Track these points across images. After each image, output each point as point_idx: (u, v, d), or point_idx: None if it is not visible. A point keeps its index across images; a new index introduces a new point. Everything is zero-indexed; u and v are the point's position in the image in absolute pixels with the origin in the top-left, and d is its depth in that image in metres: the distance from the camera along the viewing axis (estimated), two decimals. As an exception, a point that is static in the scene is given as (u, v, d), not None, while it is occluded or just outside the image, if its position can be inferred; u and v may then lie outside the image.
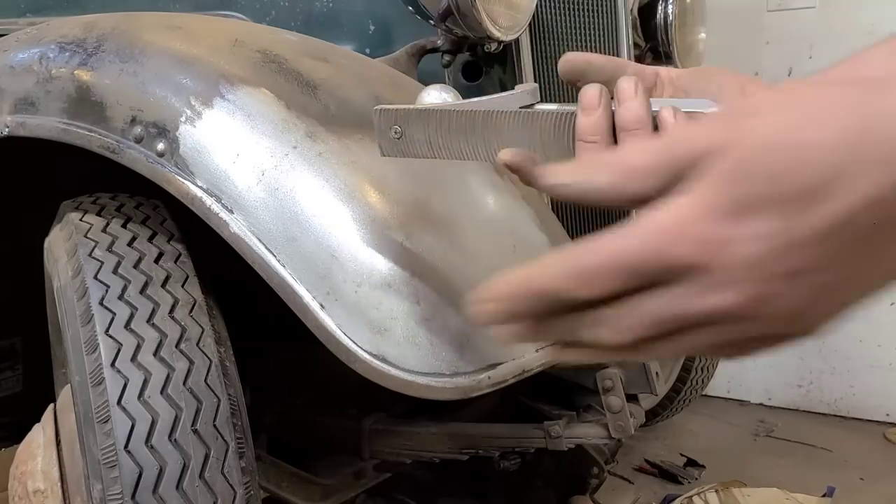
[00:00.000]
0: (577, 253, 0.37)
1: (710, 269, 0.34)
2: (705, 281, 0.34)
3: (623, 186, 0.38)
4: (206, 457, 0.77)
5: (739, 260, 0.33)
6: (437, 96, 0.63)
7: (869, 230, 0.32)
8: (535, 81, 1.12)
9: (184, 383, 0.78)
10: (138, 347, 0.78)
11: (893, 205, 0.31)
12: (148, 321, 0.80)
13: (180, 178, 0.77)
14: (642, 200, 0.37)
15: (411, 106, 0.63)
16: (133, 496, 0.74)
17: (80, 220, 0.89)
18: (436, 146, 0.62)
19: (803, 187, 0.32)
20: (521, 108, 0.61)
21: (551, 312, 0.39)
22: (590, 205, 0.40)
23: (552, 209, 1.09)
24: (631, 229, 0.36)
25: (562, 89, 1.19)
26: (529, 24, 1.07)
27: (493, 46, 1.04)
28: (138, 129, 0.80)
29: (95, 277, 0.82)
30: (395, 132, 0.64)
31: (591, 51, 1.24)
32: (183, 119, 0.78)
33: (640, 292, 0.36)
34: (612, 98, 0.57)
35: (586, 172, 0.40)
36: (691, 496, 1.79)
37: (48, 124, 0.86)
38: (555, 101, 1.18)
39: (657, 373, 1.01)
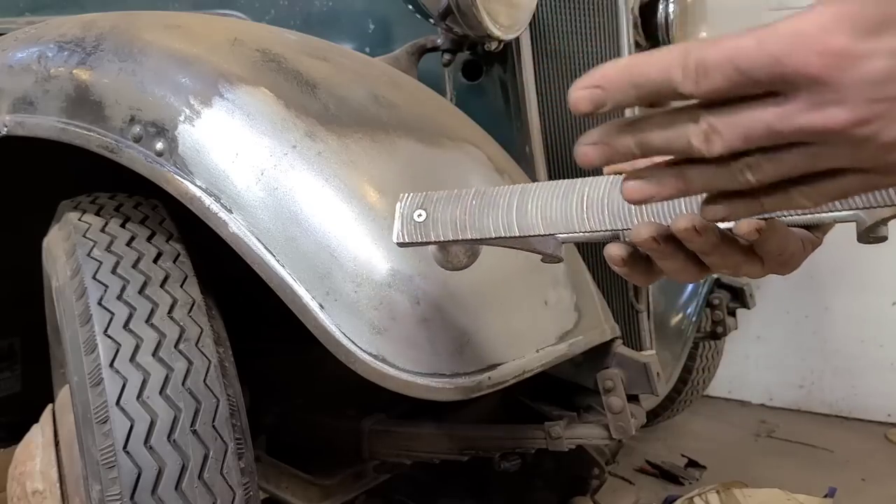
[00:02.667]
0: (693, 45, 0.36)
1: (830, 84, 0.33)
2: (820, 96, 0.33)
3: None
4: (205, 457, 0.76)
5: (863, 76, 0.32)
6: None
7: None
8: (536, 81, 1.12)
9: (183, 384, 0.78)
10: (137, 348, 0.78)
11: None
12: (147, 321, 0.80)
13: (179, 178, 0.77)
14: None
15: (434, 193, 0.62)
16: (132, 497, 0.73)
17: (79, 219, 0.89)
18: (461, 226, 0.60)
19: None
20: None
21: (651, 114, 0.39)
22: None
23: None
24: (757, 32, 0.34)
25: (561, 89, 1.19)
26: (530, 23, 1.07)
27: (494, 45, 1.04)
28: (137, 129, 0.79)
29: (94, 277, 0.81)
30: (419, 215, 0.61)
31: (592, 49, 1.23)
32: (182, 118, 0.77)
33: (749, 101, 0.35)
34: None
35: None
36: (692, 497, 1.78)
37: (47, 124, 0.85)
38: (559, 105, 1.18)
39: (658, 373, 1.01)
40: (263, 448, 1.23)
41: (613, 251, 0.54)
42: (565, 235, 0.58)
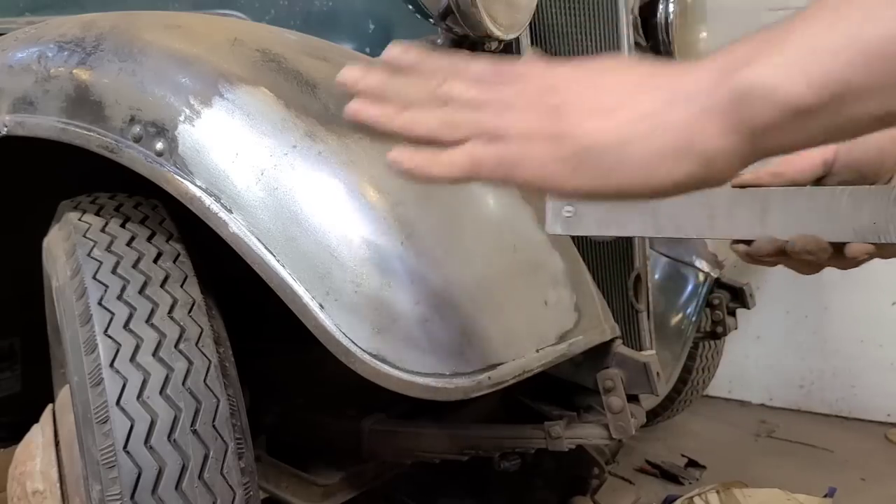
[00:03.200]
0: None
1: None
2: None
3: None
4: (206, 457, 0.77)
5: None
6: None
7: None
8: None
9: (183, 383, 0.78)
10: (137, 348, 0.78)
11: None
12: (147, 321, 0.80)
13: (179, 178, 0.77)
14: None
15: None
16: (132, 497, 0.74)
17: (79, 219, 0.89)
18: (604, 223, 0.68)
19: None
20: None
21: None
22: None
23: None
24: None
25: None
26: (530, 24, 1.07)
27: (494, 46, 1.04)
28: (137, 129, 0.79)
29: (94, 277, 0.81)
30: (568, 212, 0.69)
31: (592, 49, 1.23)
32: (182, 118, 0.78)
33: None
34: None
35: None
36: (692, 497, 1.79)
37: (47, 123, 0.85)
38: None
39: (658, 373, 1.01)
40: (264, 448, 1.23)
41: (740, 249, 0.67)
42: (693, 235, 0.68)
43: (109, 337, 0.78)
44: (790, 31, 0.41)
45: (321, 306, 0.72)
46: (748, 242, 0.67)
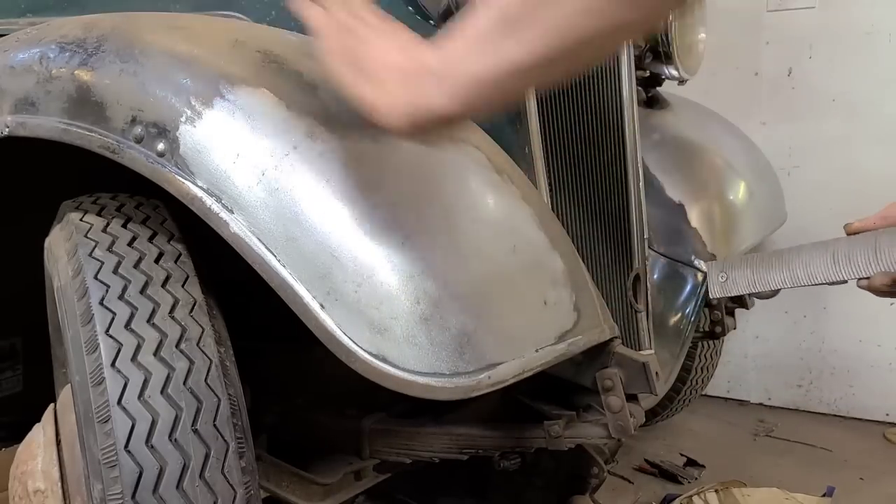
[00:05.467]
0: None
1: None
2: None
3: None
4: (207, 457, 0.77)
5: None
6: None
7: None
8: (535, 81, 1.12)
9: (184, 383, 0.78)
10: (138, 347, 0.78)
11: None
12: (148, 321, 0.80)
13: (180, 178, 0.77)
14: None
15: (735, 257, 0.85)
16: (133, 496, 0.74)
17: (81, 220, 0.89)
18: (752, 283, 0.88)
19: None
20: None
21: None
22: None
23: (552, 209, 1.09)
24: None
25: (561, 89, 1.19)
26: (529, 25, 1.07)
27: (493, 46, 1.04)
28: (138, 129, 0.80)
29: (96, 277, 0.82)
30: (721, 277, 0.90)
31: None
32: (183, 119, 0.78)
33: None
34: None
35: None
36: (691, 496, 1.79)
37: (48, 124, 0.86)
38: (559, 106, 1.18)
39: (657, 373, 1.01)
40: (264, 447, 1.23)
41: (863, 284, 0.86)
42: (824, 281, 0.86)
43: (111, 337, 0.78)
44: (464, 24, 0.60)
45: (322, 306, 0.72)
46: (868, 278, 0.83)
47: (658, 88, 1.78)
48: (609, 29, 0.55)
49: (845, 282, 0.85)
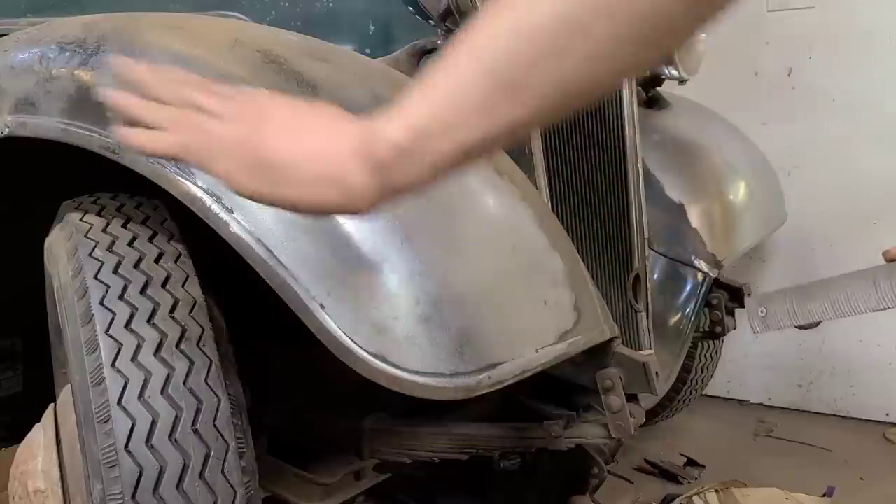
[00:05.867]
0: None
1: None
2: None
3: None
4: (207, 457, 0.77)
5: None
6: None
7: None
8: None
9: (184, 383, 0.78)
10: (138, 347, 0.78)
11: None
12: (148, 321, 0.80)
13: (181, 178, 0.77)
14: None
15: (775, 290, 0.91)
16: (133, 496, 0.74)
17: (81, 220, 0.89)
18: (793, 315, 0.88)
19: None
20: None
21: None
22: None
23: (552, 209, 1.09)
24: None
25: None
26: (529, 25, 1.07)
27: (493, 46, 1.04)
28: (139, 130, 0.79)
29: (96, 277, 0.82)
30: (761, 312, 0.90)
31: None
32: (183, 119, 0.78)
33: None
34: None
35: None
36: (691, 496, 1.79)
37: (48, 124, 0.86)
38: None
39: (657, 373, 1.01)
40: (264, 447, 1.23)
41: None
42: (867, 310, 0.86)
43: (111, 337, 0.78)
44: (410, 90, 0.53)
45: (322, 306, 0.72)
46: None
47: (658, 88, 1.78)
48: (619, 72, 0.50)
49: (888, 308, 0.84)
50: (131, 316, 0.80)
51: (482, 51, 0.49)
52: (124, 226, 0.89)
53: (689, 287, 1.53)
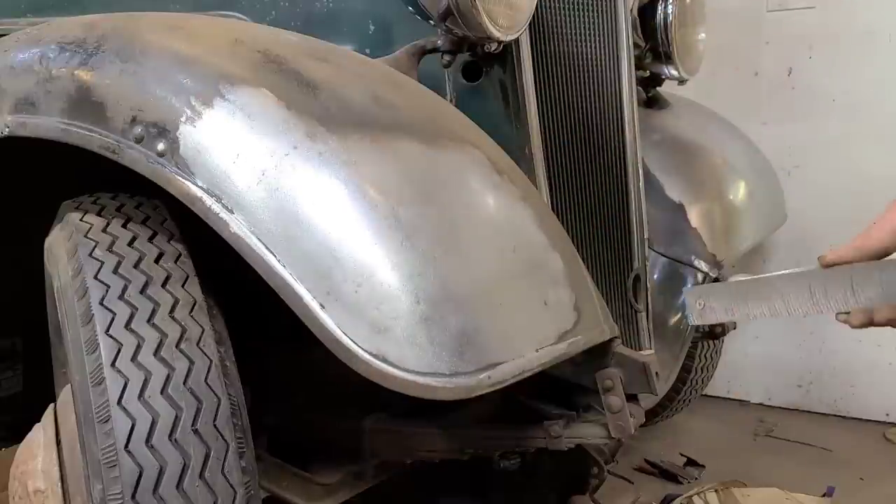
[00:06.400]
0: None
1: None
2: None
3: None
4: (207, 457, 0.77)
5: None
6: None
7: None
8: (535, 82, 1.12)
9: (184, 383, 0.78)
10: (138, 347, 0.78)
11: None
12: (148, 321, 0.80)
13: (181, 178, 0.77)
14: None
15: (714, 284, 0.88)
16: (133, 496, 0.74)
17: (81, 220, 0.89)
18: (730, 311, 0.86)
19: None
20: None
21: None
22: None
23: (552, 209, 1.09)
24: None
25: (561, 90, 1.19)
26: (529, 25, 1.07)
27: (493, 46, 1.04)
28: (138, 129, 0.80)
29: (96, 277, 0.82)
30: (699, 304, 0.86)
31: (591, 50, 1.24)
32: (183, 119, 0.78)
33: None
34: None
35: None
36: (691, 496, 1.79)
37: (48, 124, 0.86)
38: (559, 106, 1.18)
39: (657, 373, 1.01)
40: (264, 447, 1.23)
41: (841, 318, 0.86)
42: (800, 314, 0.85)
43: (111, 337, 0.78)
44: None
45: (322, 306, 0.72)
46: (847, 312, 0.84)
47: (658, 88, 1.78)
48: None
49: (822, 313, 0.86)
50: (131, 316, 0.80)
51: None
52: (124, 226, 0.89)
53: (688, 287, 1.53)
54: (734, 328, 1.71)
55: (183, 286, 0.85)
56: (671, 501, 1.84)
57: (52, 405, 1.00)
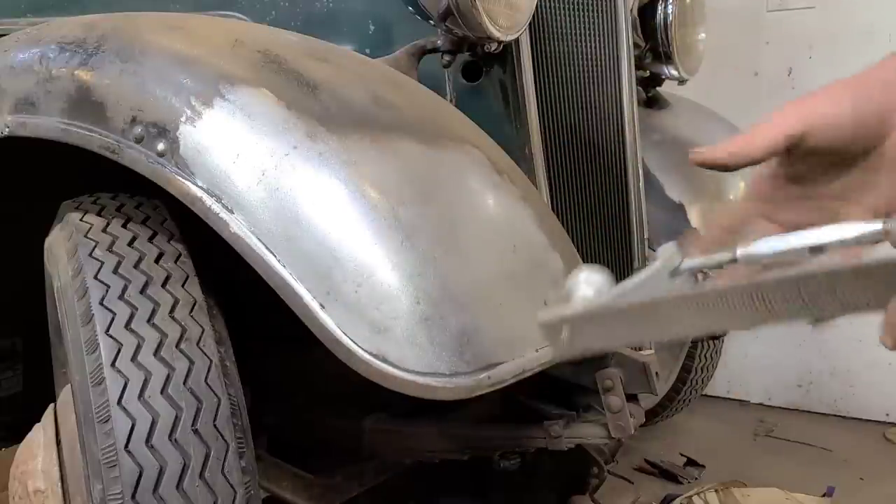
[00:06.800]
0: None
1: None
2: None
3: None
4: (207, 457, 0.77)
5: None
6: (587, 285, 0.59)
7: None
8: (535, 82, 1.12)
9: (184, 383, 0.78)
10: (138, 347, 0.78)
11: None
12: (148, 321, 0.80)
13: (181, 178, 0.77)
14: None
15: (570, 313, 0.59)
16: (133, 496, 0.74)
17: (81, 220, 0.89)
18: (605, 338, 0.63)
19: None
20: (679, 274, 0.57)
21: None
22: None
23: (552, 209, 1.09)
24: None
25: (560, 90, 1.19)
26: (529, 25, 1.07)
27: (493, 46, 1.04)
28: (138, 129, 0.80)
29: (96, 277, 0.82)
30: (564, 338, 0.62)
31: (591, 50, 1.24)
32: (183, 119, 0.78)
33: None
34: None
35: None
36: (691, 496, 1.79)
37: (48, 124, 0.86)
38: (559, 106, 1.18)
39: (657, 373, 1.02)
40: (264, 447, 1.23)
41: None
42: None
43: (111, 337, 0.78)
44: None
45: (322, 306, 0.72)
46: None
47: (658, 88, 1.78)
48: None
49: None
50: (131, 316, 0.80)
51: None
52: (124, 226, 0.89)
53: (689, 287, 1.53)
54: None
55: (183, 286, 0.85)
56: (671, 501, 1.83)
57: (52, 405, 1.00)
